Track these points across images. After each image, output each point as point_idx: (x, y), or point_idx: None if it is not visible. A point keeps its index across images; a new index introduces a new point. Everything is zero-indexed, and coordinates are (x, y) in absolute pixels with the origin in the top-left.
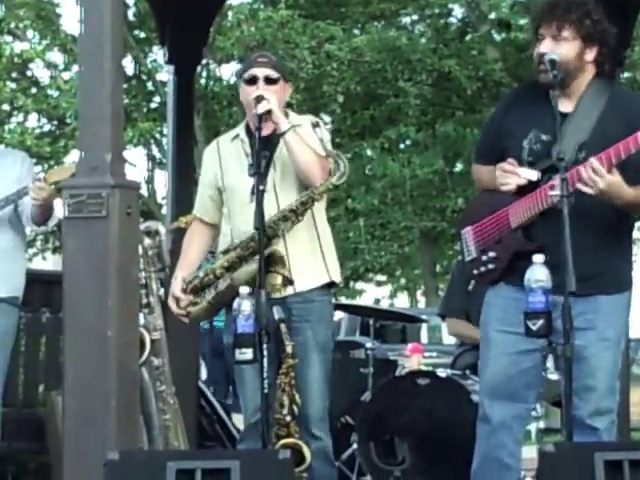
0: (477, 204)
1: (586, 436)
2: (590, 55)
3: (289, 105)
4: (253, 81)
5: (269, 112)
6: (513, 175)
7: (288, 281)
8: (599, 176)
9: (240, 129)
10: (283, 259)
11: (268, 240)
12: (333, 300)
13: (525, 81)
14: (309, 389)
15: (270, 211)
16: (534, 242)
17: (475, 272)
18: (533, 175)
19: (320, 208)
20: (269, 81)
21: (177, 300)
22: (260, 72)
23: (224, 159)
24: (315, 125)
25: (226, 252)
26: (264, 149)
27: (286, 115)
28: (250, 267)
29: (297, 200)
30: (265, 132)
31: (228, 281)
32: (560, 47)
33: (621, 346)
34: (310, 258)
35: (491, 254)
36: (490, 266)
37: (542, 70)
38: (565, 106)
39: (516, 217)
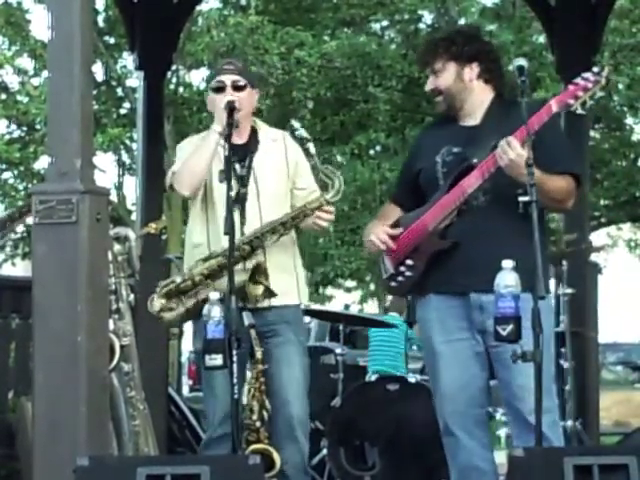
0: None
1: (529, 434)
2: (471, 73)
3: (259, 111)
4: (221, 89)
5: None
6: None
7: (269, 293)
8: (511, 148)
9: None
10: (267, 271)
11: (252, 250)
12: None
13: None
14: (291, 390)
15: (252, 220)
16: (448, 240)
17: (393, 284)
18: (395, 231)
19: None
20: (236, 88)
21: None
22: (227, 79)
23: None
24: (308, 140)
25: (206, 259)
26: (241, 158)
27: (255, 124)
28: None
29: (288, 214)
30: (239, 140)
31: (210, 291)
32: (438, 79)
33: (551, 349)
34: (286, 277)
35: (408, 262)
36: (408, 273)
37: (436, 101)
38: (472, 121)
39: (434, 220)
